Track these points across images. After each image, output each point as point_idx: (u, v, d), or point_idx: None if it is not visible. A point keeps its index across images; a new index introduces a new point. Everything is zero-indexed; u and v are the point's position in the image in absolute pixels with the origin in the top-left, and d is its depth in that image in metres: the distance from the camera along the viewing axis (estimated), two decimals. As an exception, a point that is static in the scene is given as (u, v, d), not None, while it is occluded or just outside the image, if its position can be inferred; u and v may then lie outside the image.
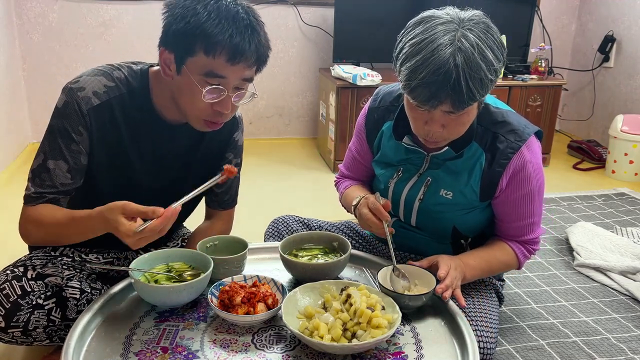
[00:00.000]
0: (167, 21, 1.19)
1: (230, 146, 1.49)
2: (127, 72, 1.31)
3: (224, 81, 1.19)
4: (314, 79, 3.84)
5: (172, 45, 1.19)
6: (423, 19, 1.23)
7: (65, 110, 1.25)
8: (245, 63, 1.19)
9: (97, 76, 1.28)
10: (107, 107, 1.27)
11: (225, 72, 1.18)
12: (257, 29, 1.19)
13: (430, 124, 1.25)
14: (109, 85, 1.28)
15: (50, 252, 1.42)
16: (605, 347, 1.68)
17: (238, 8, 1.18)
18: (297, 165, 3.43)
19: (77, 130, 1.26)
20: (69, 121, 1.25)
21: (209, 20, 1.14)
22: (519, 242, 1.46)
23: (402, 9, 3.42)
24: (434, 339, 1.18)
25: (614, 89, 3.80)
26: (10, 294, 1.22)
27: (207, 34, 1.14)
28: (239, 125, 1.49)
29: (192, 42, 1.16)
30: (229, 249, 1.37)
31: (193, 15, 1.15)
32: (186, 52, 1.17)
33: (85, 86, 1.26)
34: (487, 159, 1.36)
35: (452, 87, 1.15)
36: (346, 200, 1.54)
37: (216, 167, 1.48)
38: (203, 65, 1.17)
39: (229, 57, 1.16)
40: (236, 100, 1.25)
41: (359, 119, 1.55)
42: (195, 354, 1.10)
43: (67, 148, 1.26)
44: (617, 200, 2.94)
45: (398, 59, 1.24)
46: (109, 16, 3.40)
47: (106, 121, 1.28)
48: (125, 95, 1.29)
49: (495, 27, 1.22)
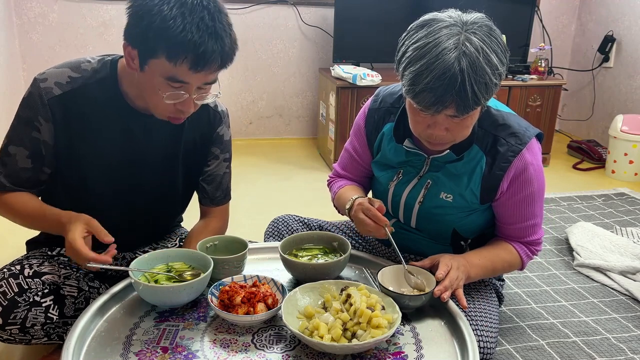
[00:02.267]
0: (132, 18, 1.16)
1: (215, 141, 1.47)
2: (97, 63, 1.31)
3: (185, 86, 1.18)
4: (314, 79, 3.83)
5: (135, 42, 1.17)
6: (426, 22, 1.21)
7: (29, 99, 1.28)
8: (209, 69, 1.17)
9: (63, 68, 1.30)
10: (70, 97, 1.27)
11: (188, 78, 1.17)
12: (221, 35, 1.15)
13: (434, 128, 1.25)
14: (73, 76, 1.28)
15: (47, 252, 1.42)
16: (605, 347, 1.68)
17: (204, 13, 1.13)
18: (297, 165, 3.43)
19: (37, 119, 1.27)
20: (30, 111, 1.27)
21: (174, 25, 1.11)
22: (522, 243, 1.46)
23: (402, 9, 3.42)
24: (434, 339, 1.18)
25: (613, 89, 3.80)
26: (7, 291, 1.23)
27: (170, 40, 1.11)
28: (222, 119, 1.47)
29: (154, 45, 1.13)
30: (229, 249, 1.37)
31: (158, 17, 1.11)
32: (149, 54, 1.15)
33: (48, 77, 1.28)
34: (487, 162, 1.36)
35: (457, 91, 1.14)
36: (339, 201, 1.53)
37: (203, 163, 1.49)
38: (165, 69, 1.15)
39: (191, 64, 1.14)
40: (198, 100, 1.24)
41: (358, 119, 1.54)
42: (195, 354, 1.10)
43: (27, 136, 1.28)
44: (617, 200, 2.94)
45: (401, 62, 1.22)
46: (109, 16, 3.40)
47: (70, 111, 1.28)
48: (93, 84, 1.29)
49: (498, 30, 1.22)
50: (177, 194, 1.49)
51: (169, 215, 1.59)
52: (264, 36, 3.66)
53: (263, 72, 3.76)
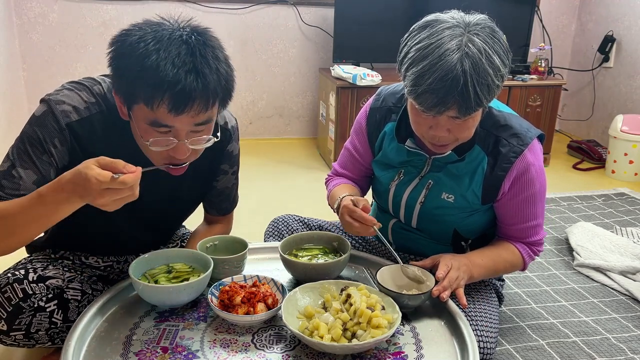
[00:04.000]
0: (113, 61, 1.10)
1: (224, 158, 1.42)
2: (106, 88, 1.23)
3: (173, 130, 1.10)
4: (314, 79, 3.83)
5: (118, 90, 1.11)
6: (428, 23, 1.21)
7: (43, 120, 1.17)
8: (194, 111, 1.07)
9: (78, 91, 1.21)
10: (87, 123, 1.20)
11: (171, 122, 1.08)
12: (202, 71, 1.05)
13: (436, 129, 1.24)
14: (90, 101, 1.21)
15: (50, 254, 1.41)
16: (605, 347, 1.68)
17: (181, 48, 1.05)
18: (297, 165, 3.43)
19: (52, 143, 1.17)
20: (44, 131, 1.16)
21: (148, 64, 1.03)
22: (524, 243, 1.46)
23: (402, 9, 3.41)
24: (434, 339, 1.18)
25: (613, 89, 3.80)
26: (12, 297, 1.22)
27: (144, 82, 1.03)
28: (232, 136, 1.41)
29: (132, 91, 1.07)
30: (229, 249, 1.37)
31: (134, 56, 1.04)
32: (130, 99, 1.09)
33: (65, 100, 1.18)
34: (489, 163, 1.36)
35: (460, 93, 1.14)
36: (331, 200, 1.53)
37: (211, 180, 1.45)
38: (146, 115, 1.08)
39: (170, 107, 1.05)
40: (194, 145, 1.14)
41: (359, 117, 1.54)
42: (195, 354, 1.10)
43: (38, 158, 1.16)
44: (617, 200, 2.94)
45: (403, 63, 1.22)
46: (109, 16, 3.40)
47: (85, 137, 1.20)
48: (105, 112, 1.22)
49: (501, 32, 1.21)
50: (183, 209, 1.48)
51: (173, 227, 1.58)
52: (264, 36, 3.66)
53: (263, 72, 3.76)
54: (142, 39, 1.05)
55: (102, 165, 0.99)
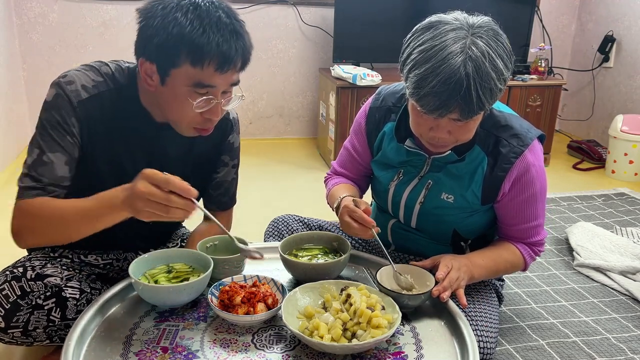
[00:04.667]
0: (145, 32, 1.14)
1: (225, 149, 1.47)
2: (114, 68, 1.28)
3: (213, 90, 1.17)
4: (314, 79, 3.84)
5: (153, 56, 1.15)
6: (432, 24, 1.20)
7: (56, 102, 1.21)
8: (234, 69, 1.16)
9: (85, 71, 1.25)
10: (97, 100, 1.24)
11: (215, 81, 1.15)
12: (241, 33, 1.16)
13: (436, 131, 1.24)
14: (97, 80, 1.25)
15: (50, 253, 1.42)
16: (605, 347, 1.68)
17: (219, 12, 1.13)
18: (297, 165, 3.43)
19: (71, 122, 1.21)
20: (60, 113, 1.21)
21: (193, 30, 1.10)
22: (525, 244, 1.45)
23: (402, 9, 3.41)
24: (434, 339, 1.18)
25: (613, 89, 3.80)
26: (10, 294, 1.22)
27: (192, 44, 1.10)
28: (233, 127, 1.46)
29: (176, 54, 1.12)
30: (229, 249, 1.37)
31: (174, 25, 1.10)
32: (170, 64, 1.14)
33: (73, 80, 1.22)
34: (489, 163, 1.35)
35: (462, 96, 1.14)
36: (330, 199, 1.53)
37: (212, 171, 1.48)
38: (191, 76, 1.14)
39: (217, 66, 1.13)
40: (225, 105, 1.22)
41: (359, 117, 1.54)
42: (195, 354, 1.10)
43: (62, 140, 1.21)
44: (617, 200, 2.94)
45: (406, 64, 1.22)
46: (109, 16, 3.40)
47: (97, 115, 1.24)
48: (114, 90, 1.26)
49: (504, 35, 1.21)
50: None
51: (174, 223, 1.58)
52: (264, 36, 3.66)
53: (263, 72, 3.76)
54: (180, 6, 1.12)
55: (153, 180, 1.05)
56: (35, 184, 1.20)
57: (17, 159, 3.17)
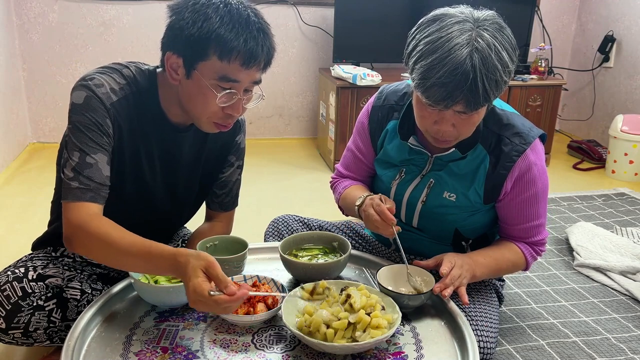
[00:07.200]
0: (176, 25, 1.17)
1: (232, 149, 1.48)
2: (135, 70, 1.29)
3: (236, 85, 1.19)
4: (314, 79, 3.84)
5: (181, 49, 1.17)
6: (437, 17, 1.21)
7: (90, 104, 1.20)
8: (258, 66, 1.19)
9: (110, 74, 1.25)
10: (125, 103, 1.25)
11: (239, 76, 1.18)
12: (267, 32, 1.20)
13: (441, 124, 1.24)
14: (122, 83, 1.25)
15: (52, 252, 1.42)
16: (605, 347, 1.68)
17: (248, 11, 1.17)
18: (297, 165, 3.43)
19: (105, 123, 1.21)
20: (95, 114, 1.20)
21: (223, 25, 1.13)
22: (526, 243, 1.46)
23: (402, 9, 3.41)
24: (434, 339, 1.18)
25: (614, 89, 3.80)
26: (11, 295, 1.22)
27: (221, 39, 1.13)
28: (241, 128, 1.48)
29: (205, 47, 1.15)
30: (229, 249, 1.37)
31: (205, 19, 1.13)
32: (198, 57, 1.16)
33: (102, 83, 1.22)
34: (491, 162, 1.36)
35: (469, 87, 1.14)
36: (346, 200, 1.52)
37: (218, 170, 1.49)
38: (217, 70, 1.16)
39: (243, 61, 1.16)
40: (246, 102, 1.25)
41: (361, 117, 1.54)
42: (195, 354, 1.10)
43: (100, 140, 1.21)
44: (617, 200, 2.94)
45: (411, 56, 1.22)
46: (109, 16, 3.40)
47: (124, 117, 1.25)
48: (136, 93, 1.27)
49: (509, 28, 1.22)
50: (192, 199, 1.49)
51: (179, 220, 1.58)
52: (264, 36, 3.66)
53: (263, 72, 3.75)
54: (211, 3, 1.16)
55: (210, 272, 1.04)
56: (87, 186, 1.18)
57: (17, 158, 3.17)
